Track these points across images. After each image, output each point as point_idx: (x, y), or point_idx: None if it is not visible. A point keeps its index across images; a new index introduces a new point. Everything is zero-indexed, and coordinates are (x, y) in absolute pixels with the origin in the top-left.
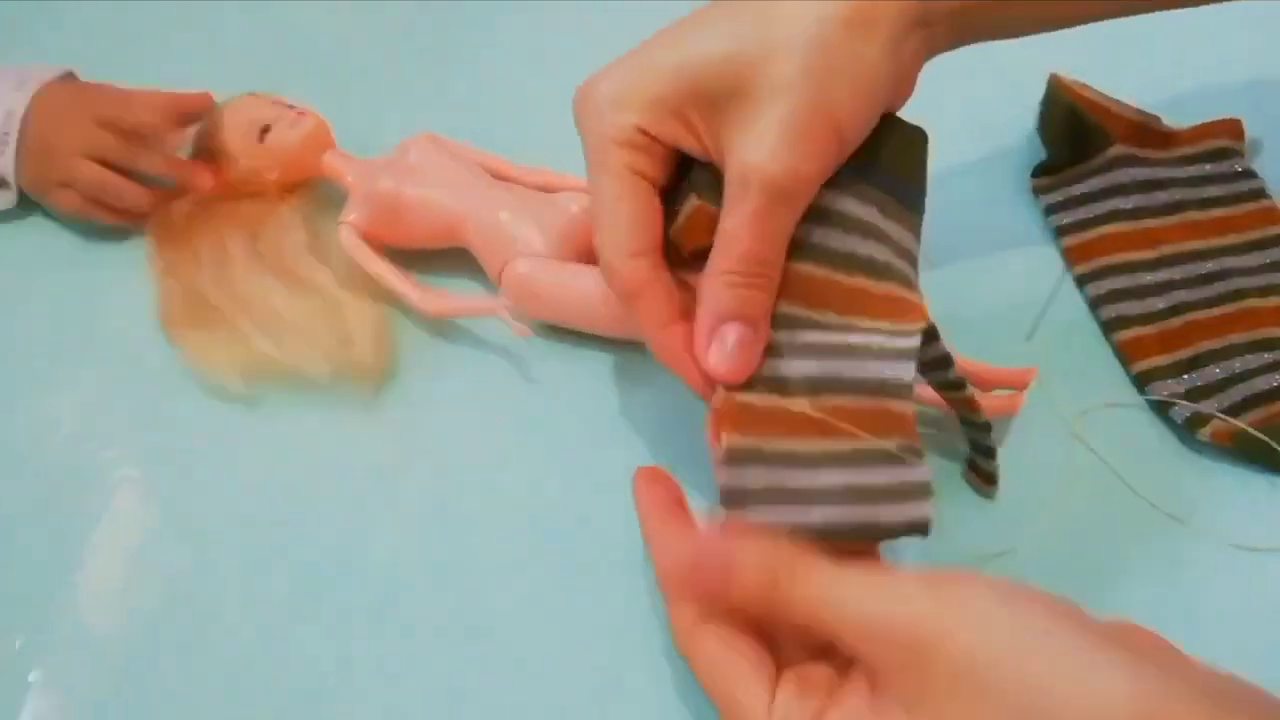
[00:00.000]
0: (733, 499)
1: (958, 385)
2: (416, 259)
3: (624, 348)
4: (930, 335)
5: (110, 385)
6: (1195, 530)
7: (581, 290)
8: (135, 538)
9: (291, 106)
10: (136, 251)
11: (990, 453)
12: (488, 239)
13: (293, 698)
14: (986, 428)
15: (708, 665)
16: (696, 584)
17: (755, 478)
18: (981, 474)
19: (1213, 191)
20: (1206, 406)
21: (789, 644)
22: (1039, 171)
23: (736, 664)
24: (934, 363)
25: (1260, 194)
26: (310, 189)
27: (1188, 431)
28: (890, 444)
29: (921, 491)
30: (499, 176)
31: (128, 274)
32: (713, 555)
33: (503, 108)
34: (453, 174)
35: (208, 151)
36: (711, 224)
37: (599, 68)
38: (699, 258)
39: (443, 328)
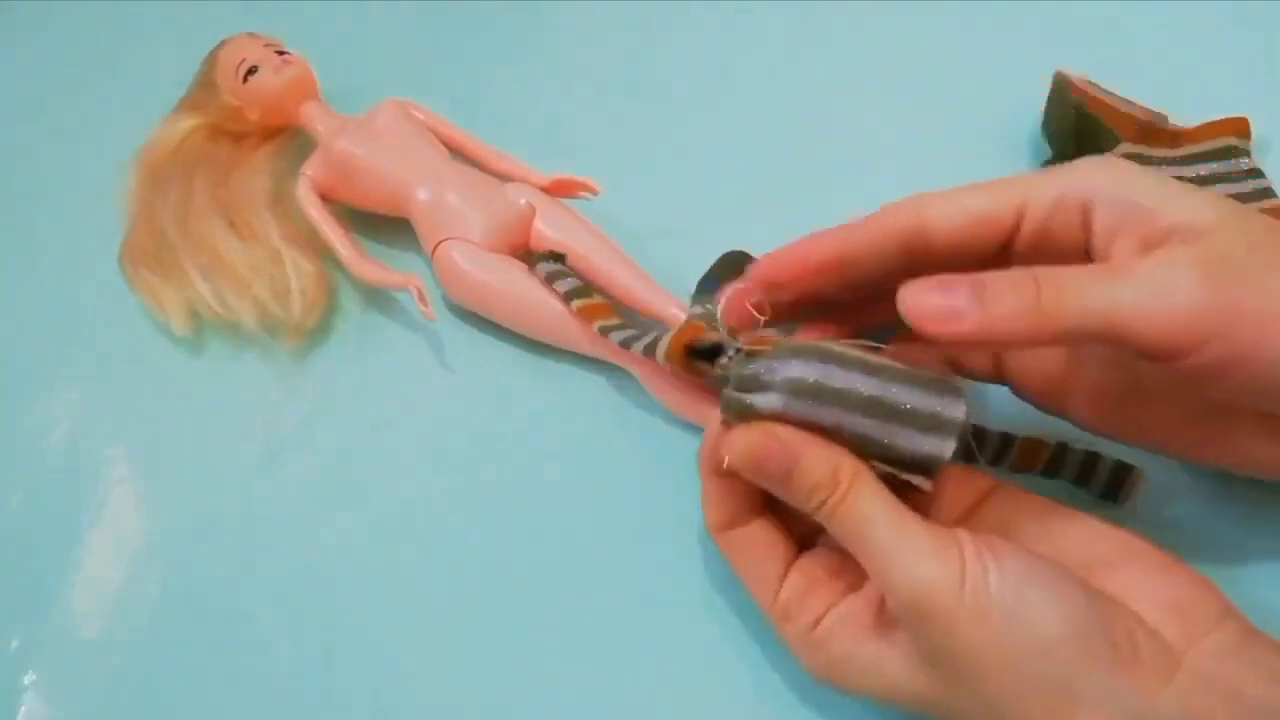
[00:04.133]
0: (756, 381)
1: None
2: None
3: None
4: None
5: (108, 384)
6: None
7: (505, 291)
8: (132, 538)
9: (281, 52)
10: None
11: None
12: (429, 216)
13: (292, 696)
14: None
15: (732, 552)
16: (759, 469)
17: (794, 368)
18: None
19: (1220, 190)
20: None
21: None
22: None
23: (751, 552)
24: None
25: (1267, 193)
26: (294, 138)
27: None
28: (927, 372)
29: (949, 426)
30: (461, 152)
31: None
32: (781, 445)
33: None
34: (411, 146)
35: (203, 84)
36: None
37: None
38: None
39: (385, 293)
